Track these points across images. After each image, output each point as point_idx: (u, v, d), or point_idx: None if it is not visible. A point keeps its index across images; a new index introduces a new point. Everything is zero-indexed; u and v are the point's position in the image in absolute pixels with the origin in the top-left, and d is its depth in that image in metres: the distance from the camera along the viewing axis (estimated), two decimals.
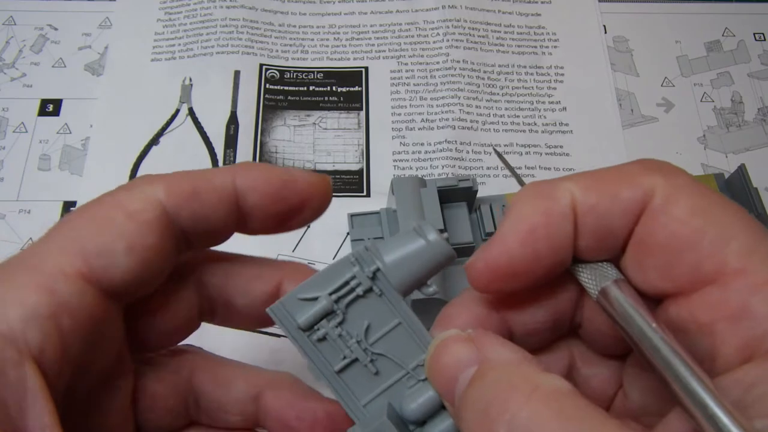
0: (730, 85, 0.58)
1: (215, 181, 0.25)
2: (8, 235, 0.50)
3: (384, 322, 0.26)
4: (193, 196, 0.25)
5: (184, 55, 0.58)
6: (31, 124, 0.55)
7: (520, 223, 0.23)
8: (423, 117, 0.56)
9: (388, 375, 0.26)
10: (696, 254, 0.21)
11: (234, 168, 0.26)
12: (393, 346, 0.25)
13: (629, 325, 0.22)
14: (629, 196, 0.22)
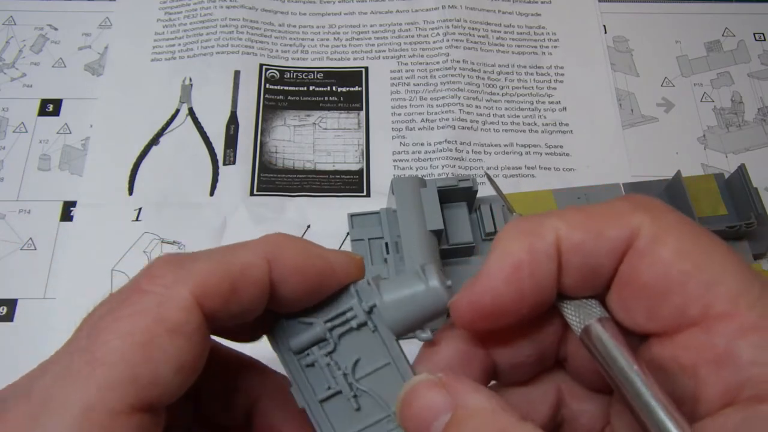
0: (730, 85, 0.58)
1: (252, 275, 0.23)
2: (8, 235, 0.50)
3: (374, 359, 0.25)
4: (232, 296, 0.23)
5: (184, 55, 0.58)
6: (31, 124, 0.55)
7: (505, 260, 0.23)
8: (423, 117, 0.56)
9: (369, 413, 0.25)
10: (681, 297, 0.21)
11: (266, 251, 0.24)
12: (379, 385, 0.25)
13: (611, 365, 0.22)
14: (615, 235, 0.22)
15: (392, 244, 0.46)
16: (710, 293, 0.21)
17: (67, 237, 0.50)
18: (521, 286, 0.22)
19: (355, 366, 0.25)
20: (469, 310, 0.23)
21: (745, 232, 0.47)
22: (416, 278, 0.25)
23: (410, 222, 0.43)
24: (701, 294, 0.21)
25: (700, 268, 0.21)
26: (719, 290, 0.21)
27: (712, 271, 0.21)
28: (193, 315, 0.22)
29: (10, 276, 0.48)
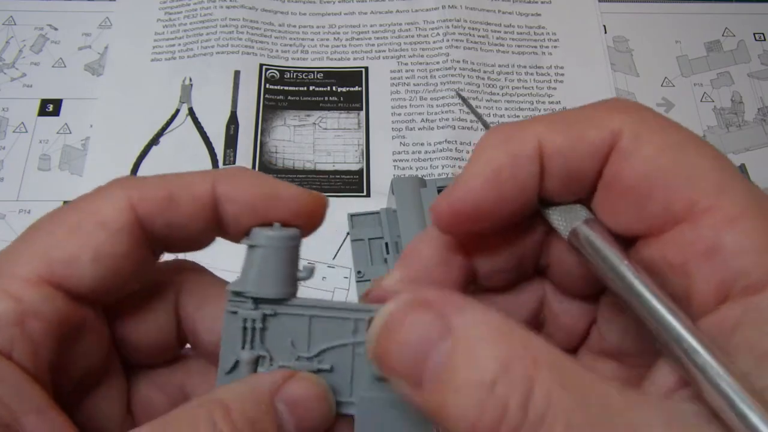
0: (730, 85, 0.58)
1: (193, 189, 0.24)
2: (8, 235, 0.50)
3: (301, 329, 0.24)
4: (169, 204, 0.24)
5: (184, 55, 0.58)
6: (31, 124, 0.55)
7: (486, 165, 0.22)
8: (423, 117, 0.55)
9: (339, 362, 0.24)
10: (666, 193, 0.21)
11: (215, 174, 0.25)
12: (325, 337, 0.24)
13: (602, 263, 0.21)
14: (596, 137, 0.22)
15: (392, 244, 0.46)
16: (694, 188, 0.20)
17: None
18: (502, 189, 0.22)
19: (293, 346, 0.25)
20: (448, 213, 0.23)
21: None
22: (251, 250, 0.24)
23: (410, 222, 0.43)
24: (685, 189, 0.20)
25: (683, 164, 0.21)
26: (703, 184, 0.20)
27: (696, 166, 0.21)
28: (122, 213, 0.23)
29: None
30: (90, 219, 0.23)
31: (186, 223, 0.24)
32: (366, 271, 0.46)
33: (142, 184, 0.24)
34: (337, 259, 0.49)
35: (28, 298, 0.22)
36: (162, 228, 0.24)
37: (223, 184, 0.24)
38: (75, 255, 0.23)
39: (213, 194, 0.24)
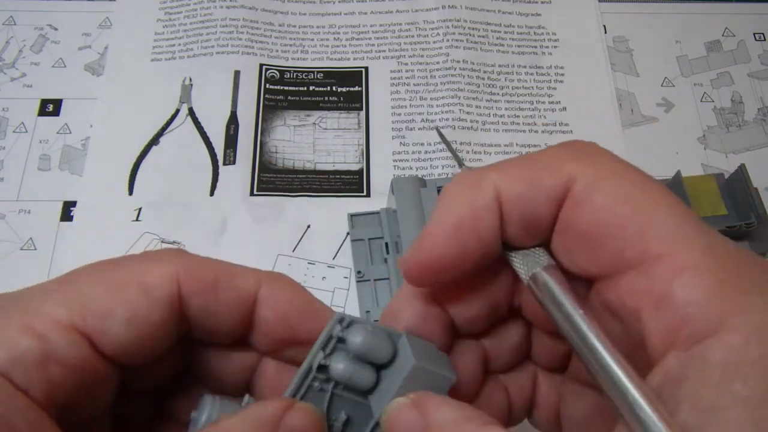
0: (730, 85, 0.58)
1: (239, 281, 0.25)
2: (8, 235, 0.50)
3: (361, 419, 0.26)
4: (212, 288, 0.24)
5: (184, 55, 0.58)
6: (31, 124, 0.55)
7: (447, 217, 0.23)
8: (423, 117, 0.56)
9: None
10: (618, 240, 0.21)
11: (261, 274, 0.25)
12: None
13: (557, 311, 0.22)
14: (551, 184, 0.23)
15: (392, 244, 0.46)
16: (646, 235, 0.21)
17: (67, 237, 0.50)
18: (464, 242, 0.23)
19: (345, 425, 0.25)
20: (415, 267, 0.24)
21: (745, 232, 0.47)
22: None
23: (410, 222, 0.43)
24: (637, 236, 0.21)
25: (635, 211, 0.21)
26: (654, 231, 0.21)
27: (647, 213, 0.21)
28: (167, 284, 0.23)
29: (10, 276, 0.48)
30: (134, 280, 0.23)
31: (221, 312, 0.24)
32: (366, 271, 0.46)
33: (192, 261, 0.24)
34: (337, 259, 0.49)
35: (54, 340, 0.22)
36: (198, 311, 0.24)
37: (266, 285, 0.25)
38: (111, 311, 0.23)
39: (255, 292, 0.25)
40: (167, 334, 0.24)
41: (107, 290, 0.23)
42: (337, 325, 0.24)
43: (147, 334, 0.23)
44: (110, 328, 0.23)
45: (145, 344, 0.23)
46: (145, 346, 0.24)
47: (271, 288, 0.25)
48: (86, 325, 0.22)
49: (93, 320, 0.22)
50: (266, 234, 0.50)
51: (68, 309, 0.22)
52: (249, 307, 0.25)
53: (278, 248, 0.49)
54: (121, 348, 0.23)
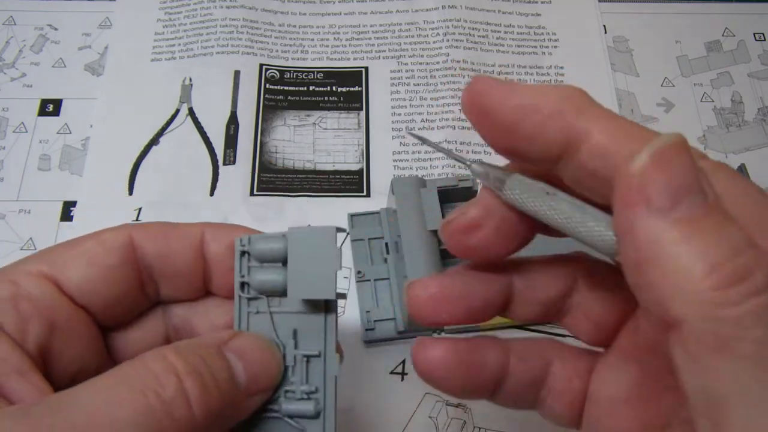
0: (730, 85, 0.58)
1: (184, 228, 0.29)
2: (8, 235, 0.50)
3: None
4: (161, 235, 0.29)
5: (184, 55, 0.58)
6: (31, 124, 0.55)
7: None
8: (423, 117, 0.56)
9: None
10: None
11: (203, 223, 0.29)
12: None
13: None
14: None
15: (392, 244, 0.46)
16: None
17: (67, 237, 0.50)
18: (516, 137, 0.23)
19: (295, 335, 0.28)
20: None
21: None
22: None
23: (410, 222, 0.43)
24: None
25: None
26: None
27: None
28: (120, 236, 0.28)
29: None
30: (93, 238, 0.28)
31: (174, 253, 0.29)
32: (366, 271, 0.46)
33: (143, 224, 0.29)
34: None
35: (24, 283, 0.26)
36: (153, 256, 0.28)
37: (209, 228, 0.29)
38: (71, 257, 0.28)
39: (201, 235, 0.29)
40: (127, 279, 0.28)
41: (70, 246, 0.28)
42: (239, 243, 0.28)
43: (106, 276, 0.28)
44: (70, 270, 0.27)
45: (107, 286, 0.28)
46: (108, 288, 0.28)
47: (213, 228, 0.29)
48: (51, 270, 0.27)
49: (56, 266, 0.27)
50: None
51: (38, 262, 0.27)
52: (198, 246, 0.29)
53: None
54: (83, 288, 0.27)
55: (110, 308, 0.28)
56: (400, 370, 0.44)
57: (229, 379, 0.25)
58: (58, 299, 0.27)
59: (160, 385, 0.22)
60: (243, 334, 0.27)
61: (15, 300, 0.25)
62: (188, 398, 0.23)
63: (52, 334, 0.26)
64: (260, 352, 0.27)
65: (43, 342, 0.26)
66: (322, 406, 0.27)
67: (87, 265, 0.27)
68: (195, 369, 0.23)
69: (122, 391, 0.22)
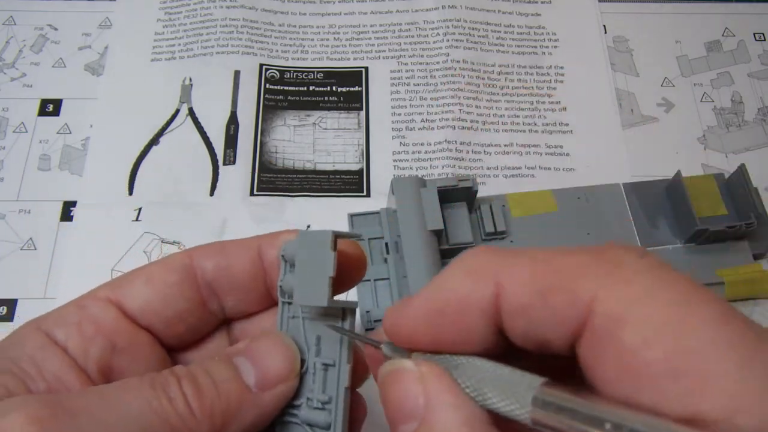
0: (730, 85, 0.58)
1: (242, 242, 0.30)
2: (8, 235, 0.50)
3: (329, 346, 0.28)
4: (218, 250, 0.29)
5: (184, 55, 0.58)
6: (31, 124, 0.55)
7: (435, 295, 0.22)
8: (423, 117, 0.55)
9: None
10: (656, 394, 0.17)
11: (264, 235, 0.30)
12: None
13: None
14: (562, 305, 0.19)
15: (392, 244, 0.46)
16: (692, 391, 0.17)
17: (67, 237, 0.50)
18: (440, 331, 0.22)
19: (318, 342, 0.28)
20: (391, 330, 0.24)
21: (745, 232, 0.47)
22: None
23: (410, 222, 0.43)
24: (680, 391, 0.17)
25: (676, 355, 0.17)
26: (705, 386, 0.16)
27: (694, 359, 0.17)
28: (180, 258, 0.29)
29: (10, 276, 0.48)
30: (154, 261, 0.30)
31: (232, 265, 0.29)
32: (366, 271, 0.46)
33: (203, 245, 0.30)
34: None
35: (90, 307, 0.28)
36: (212, 270, 0.29)
37: (265, 238, 0.30)
38: (134, 280, 0.29)
39: (257, 247, 0.29)
40: (187, 297, 0.29)
41: (135, 271, 0.29)
42: (282, 247, 0.28)
43: (166, 294, 0.28)
44: (132, 290, 0.28)
45: (168, 304, 0.28)
46: (168, 307, 0.28)
47: (270, 237, 0.29)
48: (115, 294, 0.28)
49: (120, 290, 0.28)
50: None
51: (106, 288, 0.28)
52: (255, 256, 0.29)
53: None
54: (143, 308, 0.28)
55: (172, 326, 0.29)
56: None
57: (230, 378, 0.26)
58: (120, 321, 0.28)
59: (164, 391, 0.24)
60: (256, 337, 0.28)
61: (80, 323, 0.27)
62: (186, 397, 0.24)
63: (113, 354, 0.27)
64: (272, 347, 0.27)
65: (103, 362, 0.27)
66: (332, 417, 0.27)
67: (146, 284, 0.28)
68: (190, 373, 0.25)
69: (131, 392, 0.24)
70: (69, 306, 0.28)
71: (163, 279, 0.28)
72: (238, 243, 0.30)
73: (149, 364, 0.28)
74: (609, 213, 0.49)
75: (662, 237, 0.48)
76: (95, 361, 0.26)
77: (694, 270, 0.47)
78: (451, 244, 0.45)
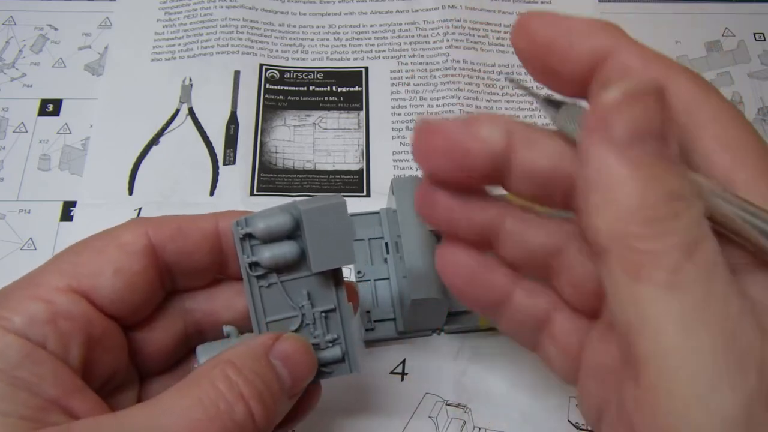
0: (730, 85, 0.58)
1: (199, 223, 0.30)
2: (8, 235, 0.50)
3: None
4: (178, 233, 0.29)
5: (184, 55, 0.58)
6: (31, 124, 0.55)
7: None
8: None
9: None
10: None
11: (218, 213, 0.30)
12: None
13: None
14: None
15: (392, 244, 0.46)
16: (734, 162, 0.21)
17: (67, 237, 0.50)
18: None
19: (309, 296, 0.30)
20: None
21: None
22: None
23: (410, 222, 0.43)
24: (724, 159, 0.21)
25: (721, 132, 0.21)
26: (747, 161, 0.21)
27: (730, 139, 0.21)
28: (139, 239, 0.28)
29: (10, 276, 0.48)
30: (112, 243, 0.29)
31: (193, 250, 0.29)
32: (366, 271, 0.46)
33: (157, 220, 0.29)
34: None
35: (58, 301, 0.26)
36: (172, 254, 0.29)
37: (222, 217, 0.30)
38: (99, 269, 0.28)
39: (216, 228, 0.29)
40: (150, 282, 0.29)
41: (91, 255, 0.28)
42: (237, 228, 0.29)
43: (132, 283, 0.28)
44: (100, 283, 0.27)
45: (134, 293, 0.28)
46: (135, 295, 0.28)
47: (226, 218, 0.30)
48: (81, 285, 0.27)
49: (85, 280, 0.27)
50: None
51: (63, 276, 0.27)
52: (215, 238, 0.30)
53: None
54: (114, 299, 0.28)
55: (138, 312, 0.29)
56: (400, 370, 0.44)
57: (280, 389, 0.27)
58: (92, 314, 0.27)
59: (231, 410, 0.25)
60: (284, 337, 0.28)
61: (54, 320, 0.26)
62: (254, 418, 0.25)
63: (90, 348, 0.27)
64: (301, 354, 0.28)
65: (84, 357, 0.27)
66: (345, 348, 0.31)
67: (114, 275, 0.28)
68: (257, 391, 0.26)
69: (198, 413, 0.24)
70: (31, 300, 0.26)
71: (130, 269, 0.28)
72: (195, 224, 0.30)
73: (117, 350, 0.29)
74: None
75: None
76: (76, 358, 0.26)
77: None
78: None
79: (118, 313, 0.28)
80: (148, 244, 0.29)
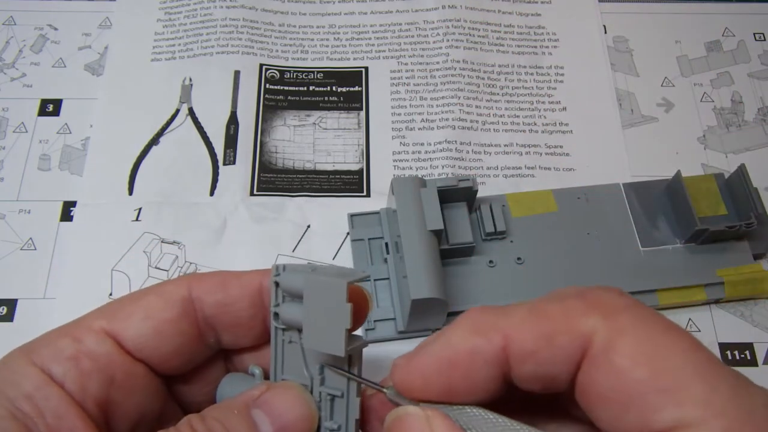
0: (730, 85, 0.58)
1: (242, 277, 0.29)
2: (8, 235, 0.50)
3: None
4: (220, 285, 0.29)
5: (184, 55, 0.58)
6: (31, 124, 0.55)
7: (444, 351, 0.24)
8: (423, 117, 0.55)
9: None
10: (642, 408, 0.20)
11: (261, 270, 0.29)
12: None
13: None
14: (567, 344, 0.22)
15: (392, 244, 0.46)
16: (673, 403, 0.20)
17: (67, 237, 0.50)
18: (452, 381, 0.24)
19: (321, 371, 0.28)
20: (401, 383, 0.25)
21: (745, 232, 0.47)
22: None
23: (410, 222, 0.43)
24: (662, 404, 0.20)
25: (659, 375, 0.20)
26: (682, 398, 0.20)
27: (673, 377, 0.20)
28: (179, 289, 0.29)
29: (10, 276, 0.48)
30: (153, 291, 0.29)
31: (232, 302, 0.29)
32: (366, 271, 0.46)
33: (202, 274, 0.30)
34: (337, 259, 0.49)
35: (86, 340, 0.27)
36: (212, 306, 0.29)
37: (266, 276, 0.29)
38: (131, 313, 0.28)
39: (259, 283, 0.29)
40: (183, 331, 0.28)
41: (131, 301, 0.28)
42: (274, 271, 0.28)
43: (162, 330, 0.28)
44: (129, 325, 0.28)
45: (162, 339, 0.28)
46: (163, 341, 0.28)
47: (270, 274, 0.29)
48: (113, 328, 0.28)
49: (117, 323, 0.28)
50: (266, 234, 0.50)
51: (102, 318, 0.28)
52: (256, 293, 0.29)
53: (278, 248, 0.49)
54: (140, 342, 0.28)
55: (169, 360, 0.29)
56: None
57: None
58: (117, 355, 0.27)
59: None
60: (274, 387, 0.28)
61: (76, 358, 0.26)
62: None
63: (111, 388, 0.27)
64: (290, 402, 0.27)
65: (102, 397, 0.27)
66: None
67: (144, 319, 0.28)
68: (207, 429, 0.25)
69: None
70: (62, 337, 0.27)
71: (162, 315, 0.28)
72: (238, 279, 0.29)
73: (146, 396, 0.29)
74: (609, 213, 0.49)
75: (662, 237, 0.48)
76: (94, 397, 0.26)
77: (693, 270, 0.47)
78: (451, 244, 0.45)
79: (148, 357, 0.28)
80: (187, 296, 0.29)
